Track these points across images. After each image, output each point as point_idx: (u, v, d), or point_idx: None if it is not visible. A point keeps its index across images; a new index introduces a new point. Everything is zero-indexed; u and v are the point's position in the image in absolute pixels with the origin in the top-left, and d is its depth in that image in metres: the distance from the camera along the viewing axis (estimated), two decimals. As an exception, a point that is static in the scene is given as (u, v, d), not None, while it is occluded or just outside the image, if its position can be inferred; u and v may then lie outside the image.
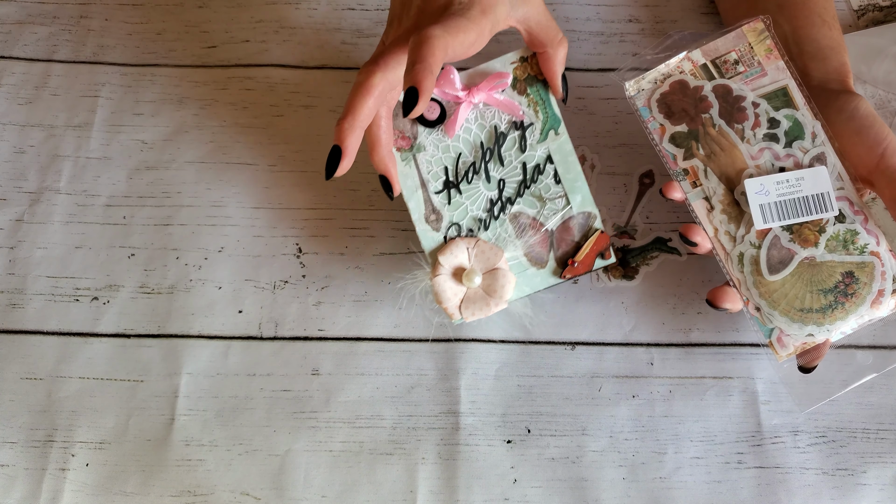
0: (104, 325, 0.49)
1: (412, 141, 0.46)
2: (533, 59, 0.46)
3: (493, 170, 0.46)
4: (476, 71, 0.46)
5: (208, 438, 0.47)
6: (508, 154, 0.46)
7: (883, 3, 0.58)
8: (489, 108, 0.46)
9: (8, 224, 0.52)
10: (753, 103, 0.44)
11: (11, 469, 0.46)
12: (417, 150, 0.46)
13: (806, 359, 0.44)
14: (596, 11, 0.59)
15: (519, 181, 0.46)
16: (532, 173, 0.46)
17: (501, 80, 0.45)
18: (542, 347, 0.49)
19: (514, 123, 0.46)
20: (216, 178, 0.54)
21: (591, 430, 0.47)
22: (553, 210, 0.45)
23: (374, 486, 0.45)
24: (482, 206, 0.46)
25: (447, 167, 0.46)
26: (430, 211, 0.46)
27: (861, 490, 0.45)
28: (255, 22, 0.59)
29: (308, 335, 0.49)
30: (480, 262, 0.45)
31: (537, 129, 0.46)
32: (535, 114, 0.46)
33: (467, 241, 0.45)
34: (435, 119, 0.46)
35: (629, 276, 0.50)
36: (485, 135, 0.46)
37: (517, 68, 0.46)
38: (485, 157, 0.46)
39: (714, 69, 0.45)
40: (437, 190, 0.46)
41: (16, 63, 0.57)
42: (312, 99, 0.56)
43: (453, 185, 0.46)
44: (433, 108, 0.45)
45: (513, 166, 0.46)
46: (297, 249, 0.51)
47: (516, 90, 0.46)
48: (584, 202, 0.45)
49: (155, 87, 0.57)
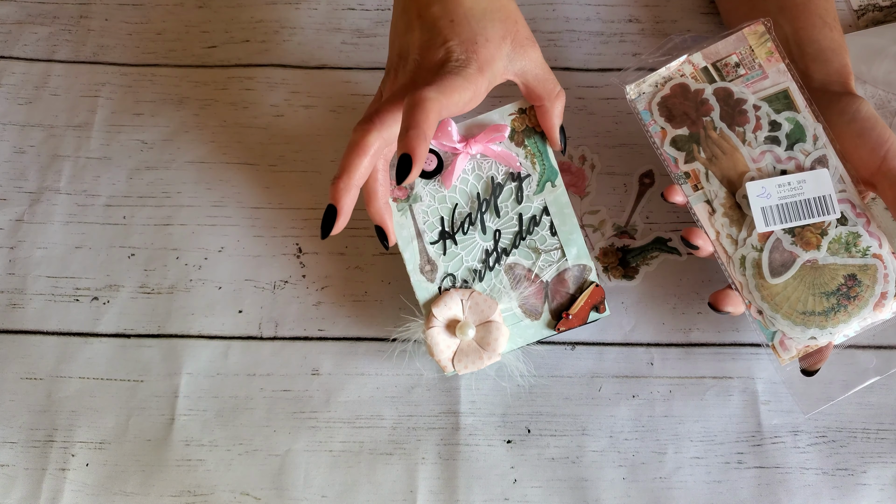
0: (104, 325, 0.49)
1: (409, 192, 0.46)
2: (531, 111, 0.46)
3: (490, 220, 0.46)
4: (474, 122, 0.46)
5: (208, 438, 0.47)
6: (505, 205, 0.46)
7: (883, 3, 0.58)
8: (486, 159, 0.46)
9: (8, 224, 0.52)
10: (755, 106, 0.44)
11: (11, 469, 0.46)
12: (414, 201, 0.46)
13: (809, 362, 0.44)
14: (596, 11, 0.59)
15: (515, 232, 0.46)
16: (528, 224, 0.46)
17: (499, 132, 0.45)
18: (542, 347, 0.49)
19: (511, 175, 0.46)
20: (216, 178, 0.54)
21: (591, 430, 0.47)
22: (548, 262, 0.45)
23: (374, 486, 0.46)
24: (478, 256, 0.46)
25: (443, 218, 0.46)
26: (426, 261, 0.45)
27: (861, 490, 0.45)
28: (255, 22, 0.59)
29: (308, 335, 0.49)
30: (474, 314, 0.45)
31: (534, 181, 0.46)
32: (532, 165, 0.46)
33: (462, 292, 0.45)
34: (432, 170, 0.46)
35: (629, 276, 0.50)
36: (482, 186, 0.46)
37: (515, 120, 0.46)
38: (481, 208, 0.46)
39: (715, 72, 0.45)
40: (433, 240, 0.46)
41: (16, 63, 0.57)
42: (312, 99, 0.56)
43: (449, 235, 0.46)
44: (430, 160, 0.46)
45: (509, 217, 0.46)
46: (297, 249, 0.51)
47: (514, 142, 0.46)
48: (580, 255, 0.45)
49: (155, 87, 0.57)
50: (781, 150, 0.44)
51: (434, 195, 0.46)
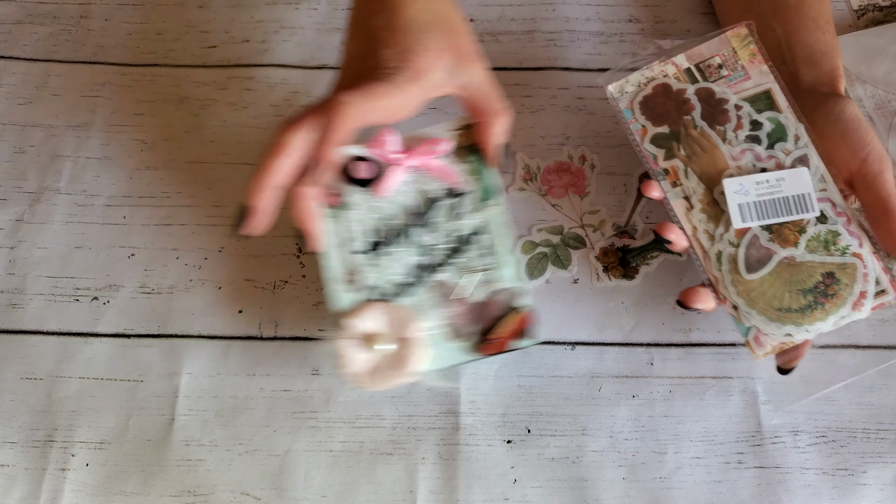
0: (104, 325, 0.49)
1: (342, 199, 0.44)
2: (467, 130, 0.45)
3: (422, 235, 0.44)
4: (417, 135, 0.45)
5: (208, 438, 0.47)
6: (440, 221, 0.44)
7: (883, 3, 0.58)
8: (426, 173, 0.45)
9: (8, 224, 0.52)
10: (736, 106, 0.44)
11: (12, 469, 0.46)
12: (346, 209, 0.44)
13: (784, 359, 0.44)
14: (596, 11, 0.59)
15: (447, 249, 0.44)
16: (462, 243, 0.44)
17: (439, 146, 0.44)
18: (542, 347, 0.49)
19: (450, 191, 0.45)
20: (216, 178, 0.54)
21: (591, 430, 0.47)
22: (480, 282, 0.44)
23: (374, 486, 0.46)
24: (406, 271, 0.44)
25: (375, 228, 0.44)
26: (350, 271, 0.44)
27: (861, 490, 0.45)
28: (255, 22, 0.59)
29: (308, 335, 0.49)
30: (395, 329, 0.43)
31: (472, 199, 0.45)
32: (472, 183, 0.45)
33: (384, 306, 0.43)
34: (369, 178, 0.44)
35: (629, 276, 0.50)
36: (417, 199, 0.45)
37: (459, 136, 0.45)
38: (415, 222, 0.44)
39: (698, 73, 0.45)
40: (362, 250, 0.44)
41: (16, 63, 0.58)
42: (312, 99, 0.56)
43: (379, 246, 0.44)
44: (370, 168, 0.44)
45: (443, 233, 0.44)
46: (297, 249, 0.51)
47: (456, 157, 0.45)
48: (512, 277, 0.44)
49: (155, 87, 0.57)
50: (762, 149, 0.44)
51: (367, 204, 0.45)
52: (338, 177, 0.44)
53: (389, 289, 0.44)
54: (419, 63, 0.39)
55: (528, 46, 0.58)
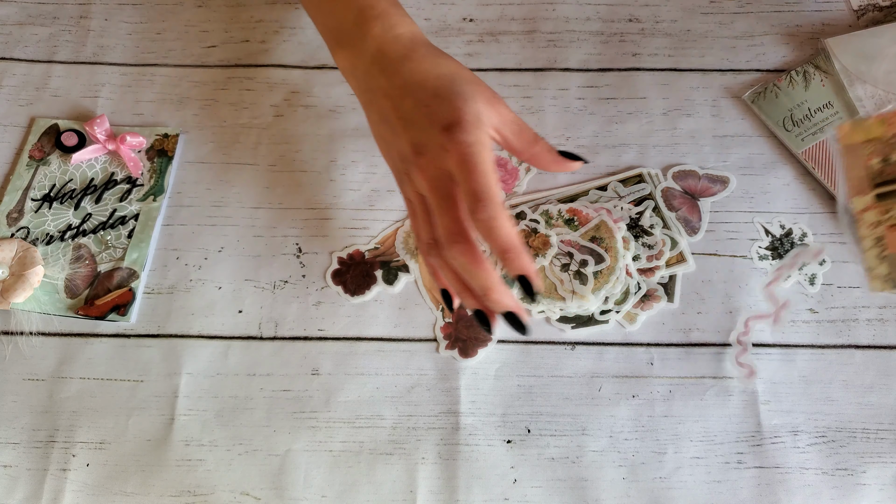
0: (104, 326, 0.49)
1: (44, 155, 0.53)
2: (172, 138, 0.54)
3: (87, 204, 0.52)
4: (126, 129, 0.54)
5: (208, 438, 0.47)
6: (108, 198, 0.52)
7: (883, 3, 0.58)
8: (119, 158, 0.53)
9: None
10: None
11: (14, 469, 0.46)
12: (43, 164, 0.53)
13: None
14: (596, 11, 0.59)
15: (101, 222, 0.52)
16: (115, 221, 0.52)
17: (137, 140, 0.53)
18: (542, 347, 0.49)
19: (129, 178, 0.53)
20: (216, 178, 0.54)
21: (591, 430, 0.47)
22: (111, 257, 0.50)
23: (374, 486, 0.46)
24: (60, 227, 0.51)
25: (55, 185, 0.52)
26: (17, 210, 0.52)
27: (861, 490, 0.45)
28: (255, 22, 0.59)
29: (308, 335, 0.49)
30: (18, 264, 0.49)
31: (142, 191, 0.53)
32: (149, 177, 0.53)
33: (19, 242, 0.50)
34: (72, 146, 0.53)
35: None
36: (101, 175, 0.53)
37: (158, 140, 0.54)
38: (87, 191, 0.52)
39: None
40: (36, 198, 0.52)
41: (16, 64, 0.58)
42: (312, 99, 0.56)
43: (50, 199, 0.52)
44: (72, 137, 0.54)
45: (105, 208, 0.52)
46: (297, 249, 0.51)
47: (147, 155, 0.54)
48: (137, 262, 0.50)
49: (155, 87, 0.57)
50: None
51: (60, 165, 0.53)
52: (51, 141, 0.54)
53: (38, 235, 0.51)
54: (468, 110, 0.38)
55: (528, 46, 0.58)
